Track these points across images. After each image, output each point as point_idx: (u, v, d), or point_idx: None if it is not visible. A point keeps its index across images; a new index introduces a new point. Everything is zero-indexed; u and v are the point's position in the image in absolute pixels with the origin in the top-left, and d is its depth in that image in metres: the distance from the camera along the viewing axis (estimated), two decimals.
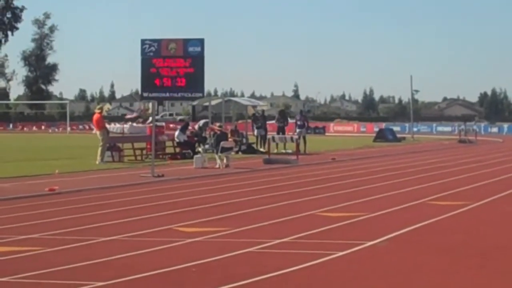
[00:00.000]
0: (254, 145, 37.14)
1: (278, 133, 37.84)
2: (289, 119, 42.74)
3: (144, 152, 30.74)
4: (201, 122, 34.41)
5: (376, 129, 69.18)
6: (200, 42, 67.24)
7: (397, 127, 77.19)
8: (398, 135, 58.74)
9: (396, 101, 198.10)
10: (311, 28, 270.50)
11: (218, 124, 32.22)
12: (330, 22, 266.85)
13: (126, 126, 70.79)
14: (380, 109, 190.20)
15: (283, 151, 36.18)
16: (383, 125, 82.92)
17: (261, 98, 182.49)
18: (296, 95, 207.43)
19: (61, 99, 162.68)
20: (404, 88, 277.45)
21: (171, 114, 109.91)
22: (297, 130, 38.23)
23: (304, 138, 37.37)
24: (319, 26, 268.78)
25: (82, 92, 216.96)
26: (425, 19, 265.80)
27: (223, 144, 26.67)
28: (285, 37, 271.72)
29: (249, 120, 41.16)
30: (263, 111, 41.74)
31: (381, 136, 55.69)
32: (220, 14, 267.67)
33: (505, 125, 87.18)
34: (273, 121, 41.16)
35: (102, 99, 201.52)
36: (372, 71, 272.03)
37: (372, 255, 10.11)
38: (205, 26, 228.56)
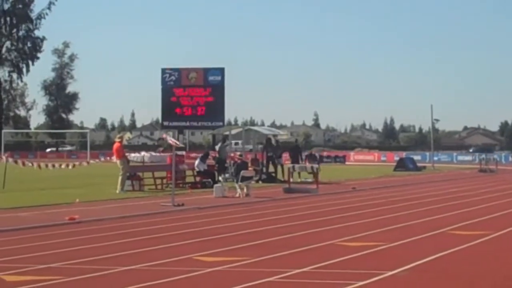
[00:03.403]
0: (274, 174, 37.08)
1: (267, 165, 37.37)
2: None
3: (164, 181, 30.80)
4: (218, 146, 35.31)
5: (397, 158, 68.87)
6: (221, 71, 67.31)
7: (417, 156, 76.99)
8: (419, 164, 58.58)
9: (417, 130, 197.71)
10: (332, 57, 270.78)
11: (238, 153, 32.29)
12: (350, 51, 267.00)
13: (147, 155, 71.00)
14: (401, 138, 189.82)
15: (301, 179, 36.08)
16: (403, 154, 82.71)
17: (282, 127, 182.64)
18: (316, 124, 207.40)
19: (82, 128, 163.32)
20: (424, 117, 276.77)
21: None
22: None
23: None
24: (340, 55, 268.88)
25: (103, 121, 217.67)
26: (446, 48, 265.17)
27: (243, 173, 26.71)
28: (306, 66, 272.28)
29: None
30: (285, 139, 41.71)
31: (401, 165, 55.51)
32: (240, 43, 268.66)
33: None
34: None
35: (122, 128, 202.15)
36: (393, 100, 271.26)
37: (392, 285, 10.05)
38: (226, 55, 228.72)
